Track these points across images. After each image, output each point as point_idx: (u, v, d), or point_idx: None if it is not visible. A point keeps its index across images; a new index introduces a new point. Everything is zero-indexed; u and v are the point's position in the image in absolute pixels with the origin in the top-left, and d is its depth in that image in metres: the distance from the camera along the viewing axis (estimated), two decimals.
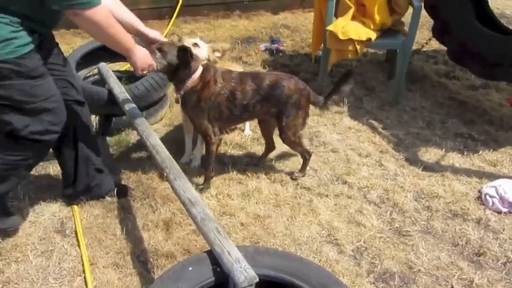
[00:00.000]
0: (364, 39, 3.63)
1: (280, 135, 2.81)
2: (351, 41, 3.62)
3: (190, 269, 1.69)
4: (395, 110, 3.76)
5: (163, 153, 2.29)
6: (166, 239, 2.39)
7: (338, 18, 3.79)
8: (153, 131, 2.50)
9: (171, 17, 5.37)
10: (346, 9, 3.78)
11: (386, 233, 2.52)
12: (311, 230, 2.52)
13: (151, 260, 2.28)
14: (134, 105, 2.80)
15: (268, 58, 4.64)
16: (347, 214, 2.64)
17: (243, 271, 1.60)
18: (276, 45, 4.85)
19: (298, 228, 2.52)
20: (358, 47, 3.64)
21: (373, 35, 3.66)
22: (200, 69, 2.59)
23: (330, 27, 3.67)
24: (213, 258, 1.73)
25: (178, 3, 5.40)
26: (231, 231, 2.44)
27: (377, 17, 3.70)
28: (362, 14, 3.81)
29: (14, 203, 2.58)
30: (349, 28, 3.63)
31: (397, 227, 2.57)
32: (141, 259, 2.29)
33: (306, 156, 2.92)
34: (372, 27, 3.70)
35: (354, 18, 3.78)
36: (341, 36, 3.60)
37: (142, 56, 2.28)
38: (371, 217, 2.63)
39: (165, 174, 2.17)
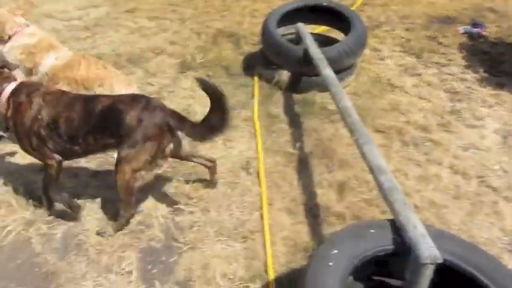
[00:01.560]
0: None
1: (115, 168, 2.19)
2: None
3: (371, 231, 1.72)
4: None
5: (353, 117, 2.32)
6: (338, 201, 2.46)
7: None
8: (345, 94, 2.55)
9: None
10: None
11: None
12: (491, 232, 2.31)
13: (321, 215, 2.39)
14: (328, 66, 2.88)
15: (466, 42, 4.22)
16: None
17: (428, 248, 1.57)
18: (478, 29, 4.37)
19: (476, 227, 2.34)
20: None
21: None
22: (8, 91, 2.20)
23: None
24: (395, 228, 1.72)
25: None
26: None
27: None
28: None
29: None
30: None
31: None
32: (312, 212, 2.42)
33: (126, 213, 2.26)
34: None
35: None
36: None
37: None
38: None
39: (354, 138, 2.20)
